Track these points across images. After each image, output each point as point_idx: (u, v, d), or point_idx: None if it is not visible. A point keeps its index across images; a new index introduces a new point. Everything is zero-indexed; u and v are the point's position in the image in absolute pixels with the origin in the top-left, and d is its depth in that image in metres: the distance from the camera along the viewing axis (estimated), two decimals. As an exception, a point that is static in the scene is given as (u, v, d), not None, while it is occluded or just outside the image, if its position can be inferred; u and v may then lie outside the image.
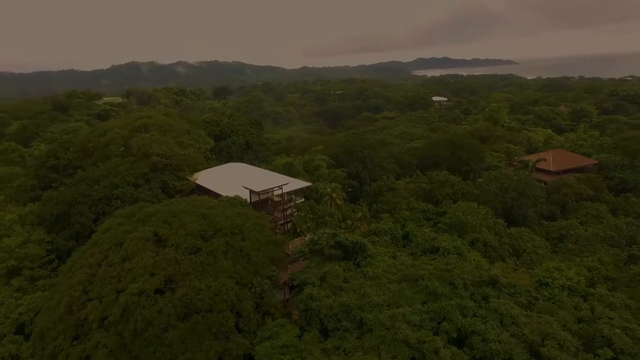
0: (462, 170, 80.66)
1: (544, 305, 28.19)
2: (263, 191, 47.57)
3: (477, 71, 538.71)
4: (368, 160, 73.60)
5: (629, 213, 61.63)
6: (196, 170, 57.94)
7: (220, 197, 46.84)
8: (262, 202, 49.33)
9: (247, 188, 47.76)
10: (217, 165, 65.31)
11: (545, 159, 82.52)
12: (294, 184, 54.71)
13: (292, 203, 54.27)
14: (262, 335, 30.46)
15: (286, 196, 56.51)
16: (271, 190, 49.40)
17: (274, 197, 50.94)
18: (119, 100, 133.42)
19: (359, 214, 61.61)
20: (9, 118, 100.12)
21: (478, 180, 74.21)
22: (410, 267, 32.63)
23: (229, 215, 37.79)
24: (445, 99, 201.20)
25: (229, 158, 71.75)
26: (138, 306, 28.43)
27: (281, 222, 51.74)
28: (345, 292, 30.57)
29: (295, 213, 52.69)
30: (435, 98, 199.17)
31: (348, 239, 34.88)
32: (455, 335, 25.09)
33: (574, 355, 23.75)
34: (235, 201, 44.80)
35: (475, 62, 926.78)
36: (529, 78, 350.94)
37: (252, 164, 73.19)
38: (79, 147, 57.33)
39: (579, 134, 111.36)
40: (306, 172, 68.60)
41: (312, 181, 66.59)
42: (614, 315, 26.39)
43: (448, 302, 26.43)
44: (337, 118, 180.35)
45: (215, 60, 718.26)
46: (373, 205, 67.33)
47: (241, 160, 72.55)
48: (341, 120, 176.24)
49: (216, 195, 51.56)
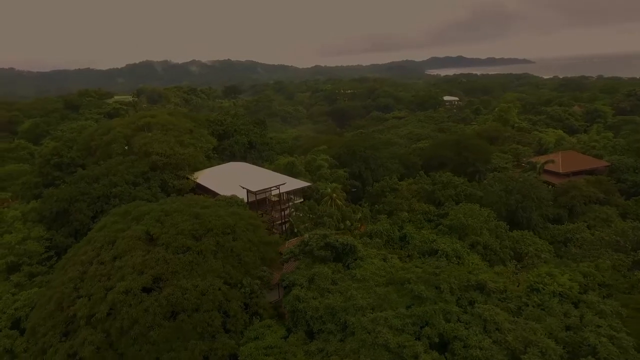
0: (468, 171, 79.55)
1: (532, 311, 27.51)
2: (260, 191, 47.64)
3: (492, 70, 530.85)
4: (371, 160, 73.14)
5: (640, 217, 59.90)
6: (197, 169, 58.38)
7: (217, 197, 47.10)
8: (259, 202, 49.41)
9: (244, 188, 47.91)
10: (219, 164, 65.75)
11: (553, 161, 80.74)
12: (293, 184, 54.70)
13: (291, 203, 54.22)
14: (249, 335, 30.47)
15: (285, 196, 56.53)
16: (268, 190, 49.47)
17: (272, 197, 50.97)
18: (130, 99, 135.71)
19: (359, 215, 61.33)
20: (23, 116, 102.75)
21: (483, 182, 73.03)
22: (400, 270, 32.24)
23: (222, 214, 37.91)
24: (456, 99, 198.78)
25: (232, 157, 72.11)
26: (125, 304, 28.73)
27: (279, 222, 51.76)
28: (332, 294, 30.41)
29: (293, 213, 52.65)
30: (446, 98, 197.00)
31: (338, 241, 34.69)
32: (437, 340, 24.70)
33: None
34: (231, 201, 44.98)
35: (490, 61, 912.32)
36: (545, 77, 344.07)
37: (255, 164, 73.42)
38: (82, 146, 58.42)
39: (592, 135, 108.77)
40: (308, 172, 68.50)
41: (314, 181, 66.52)
42: (603, 323, 25.60)
43: (432, 307, 26.02)
44: (347, 117, 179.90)
45: (228, 59, 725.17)
46: (375, 206, 66.94)
47: (244, 159, 72.84)
48: (350, 119, 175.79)
49: (215, 194, 51.88)
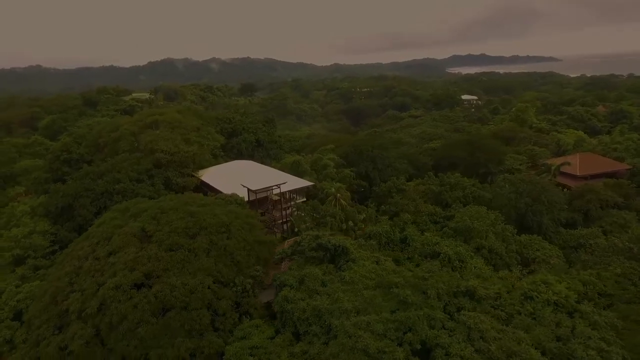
0: (480, 172, 77.89)
1: (522, 320, 26.54)
2: (259, 190, 47.70)
3: (516, 69, 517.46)
4: (378, 160, 72.31)
5: (661, 223, 57.21)
6: (202, 167, 58.95)
7: (217, 195, 47.42)
8: (261, 201, 49.49)
9: (245, 186, 48.05)
10: (226, 162, 66.21)
11: (569, 163, 77.95)
12: (294, 183, 54.60)
13: (293, 202, 54.11)
14: (237, 335, 30.54)
15: (288, 195, 56.51)
16: (269, 189, 49.49)
17: (273, 196, 50.97)
18: (147, 96, 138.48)
19: (363, 215, 60.76)
20: (43, 112, 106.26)
21: (493, 184, 71.29)
22: (391, 274, 31.68)
23: (218, 213, 38.13)
24: (475, 98, 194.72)
25: (240, 155, 72.55)
26: (114, 300, 29.22)
27: (280, 222, 51.74)
28: (320, 296, 30.15)
29: (295, 212, 52.52)
30: (464, 97, 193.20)
31: (330, 242, 34.37)
32: (419, 347, 24.10)
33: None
34: (230, 199, 45.18)
35: (514, 59, 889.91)
36: (572, 76, 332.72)
37: (263, 162, 73.67)
38: (91, 142, 59.88)
39: (614, 137, 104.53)
40: (314, 171, 68.25)
41: (319, 180, 66.27)
42: (594, 335, 24.42)
43: (416, 312, 25.41)
44: (362, 116, 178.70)
45: (247, 57, 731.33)
46: (381, 206, 66.24)
47: (251, 157, 73.19)
48: (366, 118, 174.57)
49: (218, 192, 52.31)
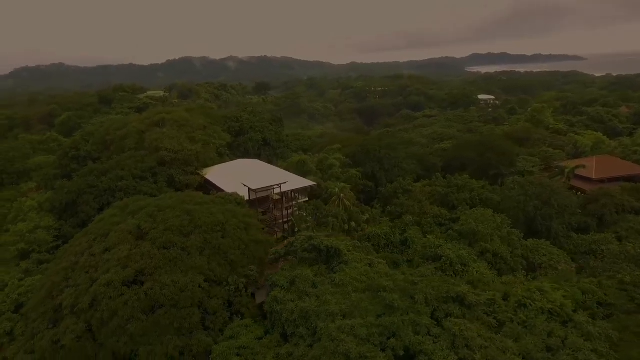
0: (490, 174, 76.31)
1: (513, 328, 25.63)
2: (260, 189, 47.67)
3: (538, 68, 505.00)
4: (385, 160, 71.51)
5: (681, 229, 54.86)
6: (207, 165, 59.36)
7: (217, 193, 47.62)
8: (260, 200, 49.46)
9: (245, 185, 48.10)
10: (232, 161, 66.50)
11: (584, 166, 75.55)
12: (296, 183, 54.41)
13: (294, 202, 53.95)
14: (226, 334, 30.59)
15: (291, 194, 56.39)
16: (270, 188, 49.44)
17: (274, 196, 50.88)
18: (161, 94, 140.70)
19: (367, 216, 60.20)
20: (61, 109, 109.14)
21: (502, 186, 69.66)
22: (383, 277, 31.15)
23: (214, 212, 38.23)
24: (492, 98, 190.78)
25: (246, 154, 72.82)
26: (105, 297, 29.59)
27: (280, 221, 51.63)
28: (309, 298, 29.90)
29: (296, 212, 52.35)
30: (481, 96, 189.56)
31: (323, 243, 34.05)
32: (402, 353, 23.53)
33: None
34: (229, 198, 45.27)
35: (536, 58, 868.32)
36: (597, 75, 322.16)
37: (270, 161, 73.78)
38: (99, 140, 61.06)
39: (636, 139, 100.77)
40: (319, 171, 67.98)
41: (325, 180, 65.97)
42: (586, 346, 23.37)
43: (401, 318, 24.83)
44: (376, 115, 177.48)
45: (264, 55, 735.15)
46: (387, 207, 65.53)
47: (258, 156, 73.36)
48: (379, 117, 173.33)
49: (221, 191, 52.56)
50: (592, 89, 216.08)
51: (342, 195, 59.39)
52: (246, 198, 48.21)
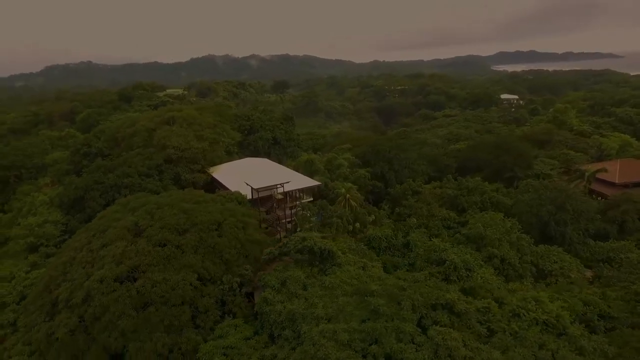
0: (505, 177, 74.01)
1: (502, 339, 24.47)
2: (262, 188, 47.59)
3: (568, 66, 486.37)
4: (395, 161, 70.29)
5: None
6: (214, 163, 59.78)
7: (219, 192, 47.84)
8: (263, 200, 49.41)
9: (248, 184, 48.13)
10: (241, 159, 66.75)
11: (606, 169, 72.16)
12: (300, 183, 54.11)
13: (298, 202, 53.67)
14: (215, 333, 30.60)
15: (297, 193, 56.16)
16: (272, 187, 49.31)
17: (277, 195, 50.74)
18: (180, 92, 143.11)
19: (372, 217, 59.35)
20: (82, 106, 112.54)
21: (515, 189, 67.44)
22: (376, 280, 30.49)
23: (212, 210, 38.40)
24: (515, 97, 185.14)
25: (256, 153, 72.99)
26: (98, 292, 30.10)
27: (283, 221, 51.43)
28: (298, 299, 29.56)
29: (300, 212, 52.06)
30: (503, 96, 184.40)
31: (317, 245, 33.62)
32: (383, 360, 22.93)
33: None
34: (231, 196, 45.43)
35: (567, 56, 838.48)
36: (632, 74, 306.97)
37: (279, 160, 73.76)
38: (110, 137, 62.47)
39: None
40: (327, 171, 67.43)
41: (332, 180, 65.42)
42: (577, 360, 22.09)
43: (385, 324, 24.14)
44: (394, 115, 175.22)
45: (286, 53, 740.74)
46: (396, 208, 64.49)
47: (268, 155, 73.41)
48: (397, 117, 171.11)
49: (226, 189, 52.83)
50: (625, 89, 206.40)
51: (348, 195, 58.71)
52: (249, 197, 48.26)
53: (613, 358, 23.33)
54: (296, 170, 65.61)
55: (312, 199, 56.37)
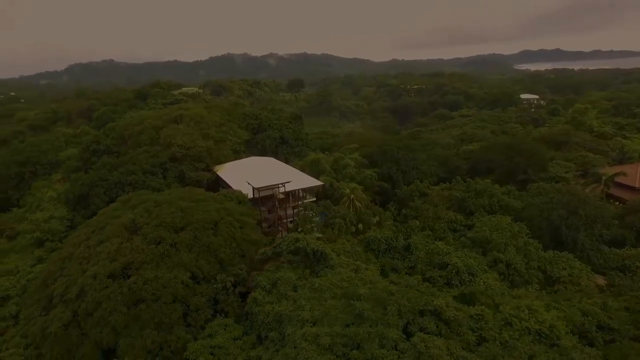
0: (518, 179, 71.95)
1: (489, 348, 23.50)
2: (262, 187, 47.50)
3: (595, 65, 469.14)
4: (403, 161, 69.23)
5: None
6: (220, 162, 60.08)
7: (220, 191, 47.98)
8: (264, 199, 49.33)
9: (249, 183, 48.12)
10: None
11: (624, 173, 69.35)
12: (302, 182, 53.81)
13: (301, 202, 53.39)
14: (205, 332, 30.62)
15: (301, 193, 55.91)
16: (274, 187, 49.17)
17: (278, 195, 50.59)
18: (195, 90, 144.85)
19: (377, 218, 58.57)
20: (99, 104, 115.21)
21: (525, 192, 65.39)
22: (367, 284, 29.92)
23: (209, 209, 38.49)
24: (536, 97, 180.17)
25: (263, 152, 73.05)
26: (91, 288, 30.52)
27: (285, 221, 51.26)
28: (287, 301, 29.29)
29: (302, 212, 51.79)
30: (523, 96, 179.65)
31: (309, 246, 33.23)
32: (364, 367, 22.37)
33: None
34: (231, 195, 45.49)
35: (595, 55, 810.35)
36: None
37: (287, 159, 73.65)
38: (118, 135, 63.60)
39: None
40: (333, 171, 66.95)
41: (338, 180, 64.95)
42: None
43: (368, 329, 23.56)
44: (409, 114, 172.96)
45: (304, 52, 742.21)
46: (402, 210, 63.53)
47: (275, 154, 73.39)
48: (412, 116, 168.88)
49: (229, 188, 52.99)
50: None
51: (353, 196, 58.15)
52: (250, 196, 48.27)
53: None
54: (302, 169, 65.37)
55: (315, 199, 56.03)
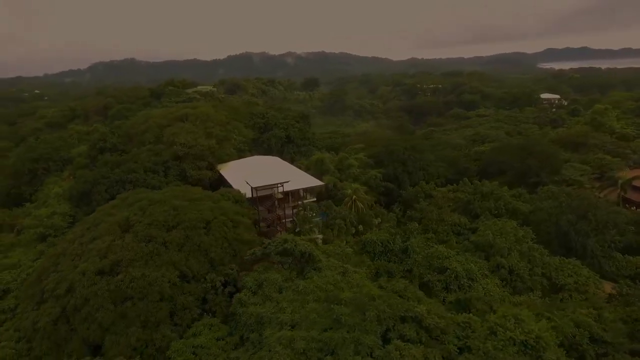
0: (530, 182, 69.78)
1: (469, 359, 22.57)
2: (260, 187, 47.35)
3: (625, 63, 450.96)
4: (409, 162, 68.02)
5: None
6: (223, 160, 60.30)
7: (219, 190, 48.04)
8: (262, 199, 49.18)
9: (248, 183, 48.06)
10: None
11: (642, 177, 66.43)
12: (302, 182, 53.44)
13: (300, 202, 53.04)
14: (190, 331, 30.64)
15: (302, 193, 55.56)
16: (273, 186, 48.97)
17: (277, 194, 50.38)
18: (209, 89, 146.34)
19: (379, 220, 57.72)
20: (115, 102, 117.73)
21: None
22: (354, 287, 29.31)
23: (202, 208, 38.55)
24: (557, 97, 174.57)
25: (269, 151, 73.04)
26: (80, 284, 30.94)
27: (283, 220, 51.00)
28: (271, 303, 28.99)
29: (301, 212, 51.45)
30: (544, 95, 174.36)
31: (297, 247, 32.84)
32: (336, 374, 21.83)
33: None
34: (227, 194, 45.50)
35: (625, 53, 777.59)
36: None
37: (292, 158, 73.41)
38: (124, 133, 64.63)
39: None
40: (337, 171, 66.35)
41: (342, 180, 64.35)
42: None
43: (344, 334, 22.99)
44: (424, 114, 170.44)
45: (322, 51, 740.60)
46: (407, 211, 62.46)
47: (281, 153, 73.26)
48: (427, 116, 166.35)
49: (230, 187, 53.09)
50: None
51: (355, 196, 57.48)
52: (248, 195, 48.20)
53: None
54: (307, 169, 65.02)
55: (316, 199, 55.57)
